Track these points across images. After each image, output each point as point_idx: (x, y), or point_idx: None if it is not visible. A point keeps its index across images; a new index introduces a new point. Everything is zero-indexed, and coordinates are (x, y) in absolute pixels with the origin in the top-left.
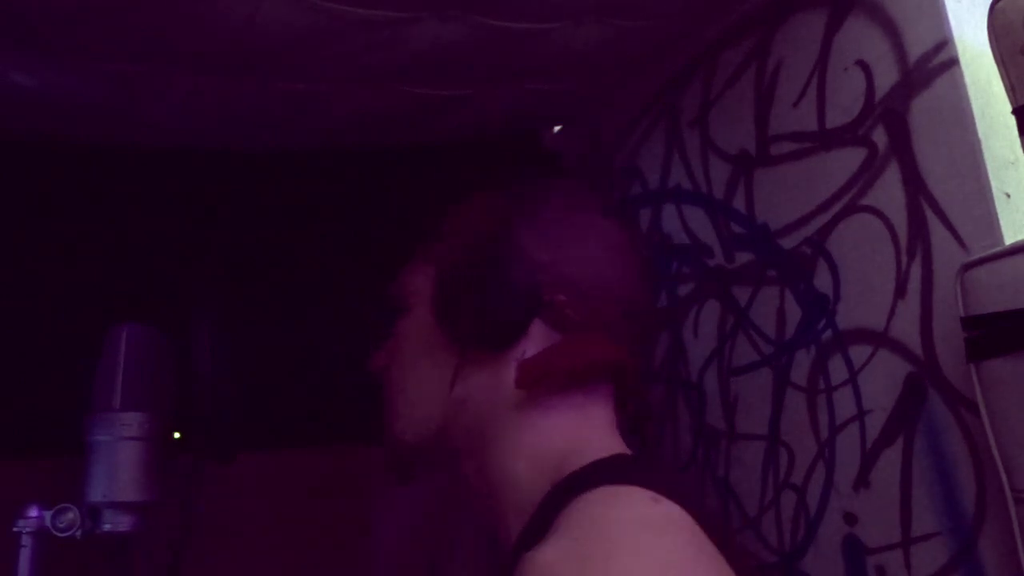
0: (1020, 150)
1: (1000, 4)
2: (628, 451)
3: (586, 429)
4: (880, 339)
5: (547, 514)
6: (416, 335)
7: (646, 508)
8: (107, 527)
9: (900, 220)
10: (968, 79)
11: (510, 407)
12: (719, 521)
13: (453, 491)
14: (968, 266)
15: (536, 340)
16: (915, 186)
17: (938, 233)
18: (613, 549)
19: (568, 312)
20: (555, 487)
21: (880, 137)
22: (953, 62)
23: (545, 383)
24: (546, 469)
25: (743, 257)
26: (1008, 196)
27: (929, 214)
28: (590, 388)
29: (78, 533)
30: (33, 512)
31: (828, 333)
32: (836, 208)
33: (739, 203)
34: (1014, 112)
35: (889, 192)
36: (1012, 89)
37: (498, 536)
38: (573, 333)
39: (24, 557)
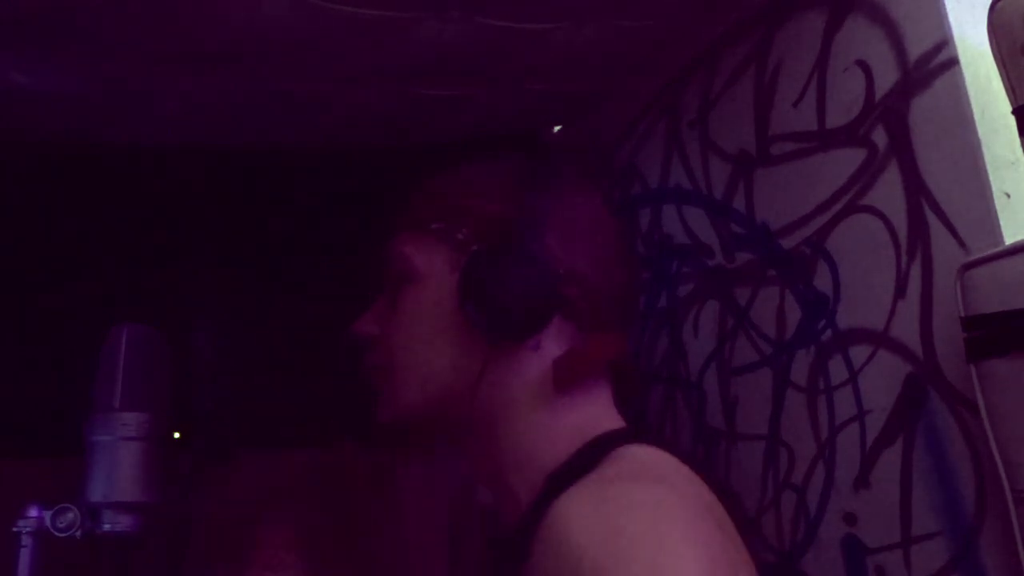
0: (1020, 150)
1: (1000, 4)
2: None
3: (596, 406)
4: (880, 339)
5: (574, 470)
6: (433, 312)
7: (674, 461)
8: (107, 527)
9: (900, 220)
10: (968, 79)
11: (529, 395)
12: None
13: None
14: (968, 266)
15: (551, 332)
16: (915, 186)
17: (938, 233)
18: (658, 479)
19: (580, 306)
20: (579, 450)
21: (880, 137)
22: (953, 62)
23: (575, 379)
24: (564, 440)
25: (743, 257)
26: (1008, 196)
27: (929, 214)
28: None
29: (78, 533)
30: (33, 512)
31: (828, 333)
32: (836, 208)
33: (739, 203)
34: (1014, 112)
35: (889, 192)
36: (1012, 89)
37: (501, 510)
38: (588, 329)
39: (24, 557)
